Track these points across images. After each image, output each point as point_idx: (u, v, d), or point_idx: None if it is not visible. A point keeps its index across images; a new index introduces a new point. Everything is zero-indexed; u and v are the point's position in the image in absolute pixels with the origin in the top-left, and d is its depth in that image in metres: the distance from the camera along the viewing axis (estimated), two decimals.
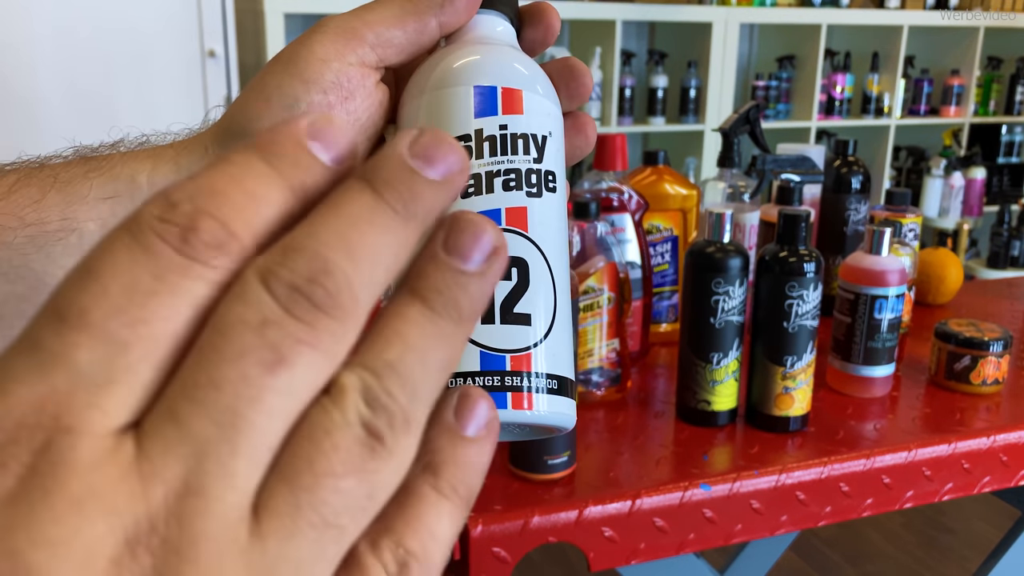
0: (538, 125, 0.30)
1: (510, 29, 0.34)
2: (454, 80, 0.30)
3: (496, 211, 0.29)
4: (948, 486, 0.77)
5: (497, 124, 0.29)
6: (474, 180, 0.29)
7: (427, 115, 0.30)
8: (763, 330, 0.77)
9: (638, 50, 2.73)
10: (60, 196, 0.28)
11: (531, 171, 0.30)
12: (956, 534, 2.11)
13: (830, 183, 1.04)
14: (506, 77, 0.30)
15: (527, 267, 0.29)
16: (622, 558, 0.67)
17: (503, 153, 0.29)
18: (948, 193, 2.97)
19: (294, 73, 0.29)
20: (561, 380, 0.29)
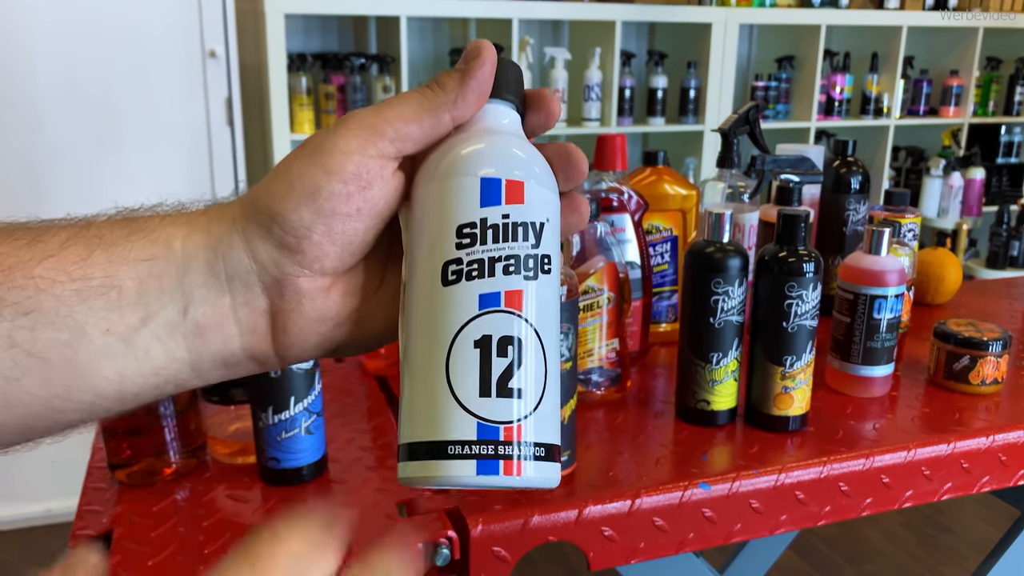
0: (537, 213, 0.33)
1: (515, 115, 0.36)
2: (463, 170, 0.33)
3: (496, 294, 0.32)
4: (947, 486, 0.78)
5: (500, 213, 0.33)
6: (477, 264, 0.32)
7: (438, 202, 0.33)
8: (762, 330, 0.77)
9: (638, 50, 2.73)
10: (105, 255, 0.31)
11: (529, 256, 0.33)
12: (955, 533, 2.11)
13: (829, 183, 1.04)
14: (510, 169, 0.33)
15: (521, 345, 0.32)
16: (622, 557, 0.67)
17: (504, 240, 0.32)
18: (947, 193, 2.97)
19: (318, 163, 0.32)
20: (547, 447, 0.32)
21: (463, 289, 0.32)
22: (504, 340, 0.32)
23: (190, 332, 0.32)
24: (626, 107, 2.53)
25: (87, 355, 0.30)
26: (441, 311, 0.32)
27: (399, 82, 2.22)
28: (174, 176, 2.00)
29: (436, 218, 0.33)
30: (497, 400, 0.31)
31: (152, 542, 0.61)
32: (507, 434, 0.31)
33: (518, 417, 0.31)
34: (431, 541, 0.61)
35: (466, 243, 0.32)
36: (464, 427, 0.31)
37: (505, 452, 0.31)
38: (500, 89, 0.35)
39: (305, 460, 0.68)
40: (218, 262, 0.32)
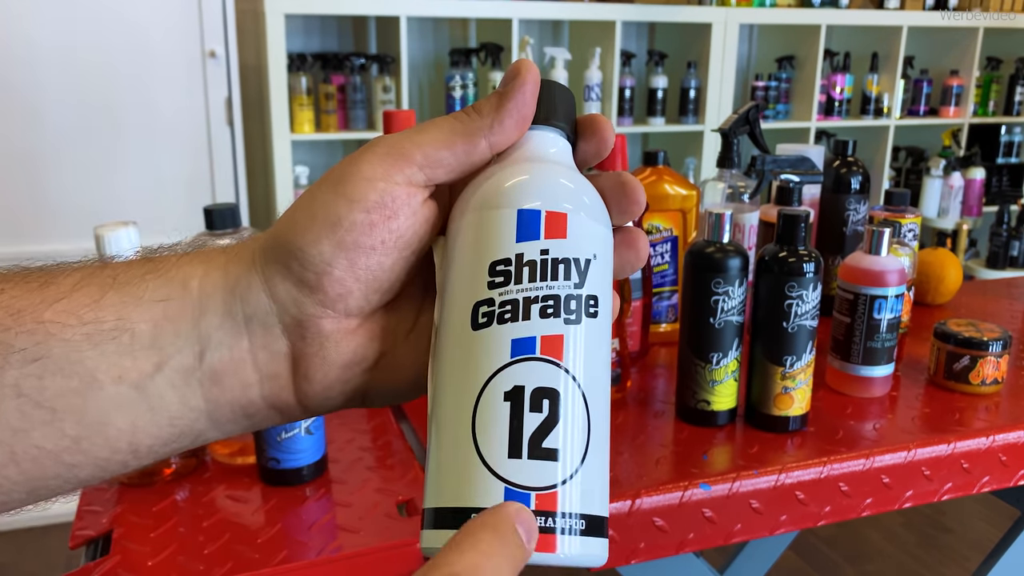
0: (582, 249, 0.29)
1: (564, 144, 0.33)
2: (498, 202, 0.30)
3: (531, 339, 0.28)
4: (947, 486, 0.78)
5: (539, 248, 0.29)
6: (511, 306, 0.28)
7: (473, 235, 0.30)
8: (762, 330, 0.77)
9: (638, 50, 2.73)
10: (118, 296, 0.29)
11: (571, 297, 0.29)
12: (955, 534, 2.11)
13: (829, 183, 1.04)
14: (551, 200, 0.29)
15: (558, 399, 0.28)
16: (622, 558, 0.67)
17: (543, 279, 0.28)
18: (947, 193, 2.97)
19: (340, 192, 0.30)
20: (590, 519, 0.28)
21: (494, 334, 0.28)
22: (538, 392, 0.27)
23: (206, 378, 0.30)
24: (626, 107, 2.53)
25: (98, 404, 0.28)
26: (469, 359, 0.28)
27: (399, 82, 2.22)
28: (174, 176, 2.00)
29: (469, 254, 0.29)
30: (529, 462, 0.27)
31: (152, 542, 0.61)
32: (540, 502, 0.27)
33: (554, 483, 0.27)
34: None
35: (499, 282, 0.28)
36: (490, 493, 0.27)
37: (538, 514, 0.27)
38: (546, 114, 0.32)
39: (305, 460, 0.68)
40: (236, 303, 0.30)
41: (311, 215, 0.30)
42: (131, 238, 0.66)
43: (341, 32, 2.45)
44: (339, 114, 2.25)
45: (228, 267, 0.31)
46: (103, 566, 0.59)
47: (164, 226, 1.98)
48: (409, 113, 0.85)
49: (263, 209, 2.35)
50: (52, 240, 1.92)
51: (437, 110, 2.50)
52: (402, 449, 0.75)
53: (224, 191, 2.05)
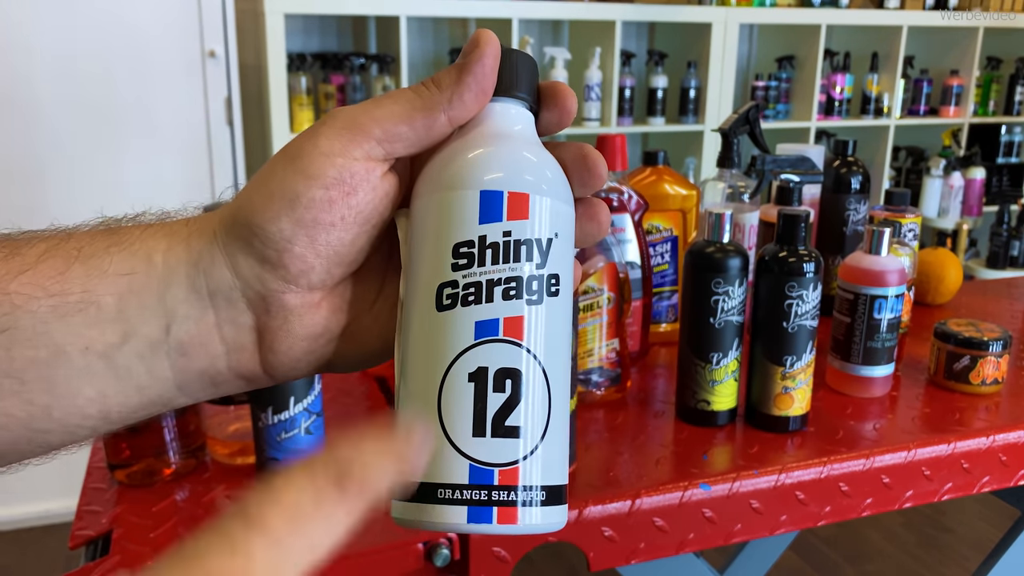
0: (544, 228, 0.30)
1: (525, 114, 0.33)
2: (461, 183, 0.30)
3: (494, 321, 0.29)
4: (947, 486, 0.77)
5: (501, 231, 0.29)
6: (475, 288, 0.29)
7: (436, 216, 0.30)
8: (763, 330, 0.77)
9: (638, 50, 2.73)
10: (83, 269, 0.29)
11: (533, 278, 0.29)
12: (955, 534, 2.11)
13: (829, 183, 1.04)
14: (513, 181, 0.30)
15: (520, 378, 0.29)
16: (622, 558, 0.67)
17: (505, 261, 0.29)
18: (947, 193, 2.97)
19: (298, 168, 0.29)
20: (550, 489, 0.29)
21: (458, 315, 0.29)
22: (502, 373, 0.29)
23: (173, 350, 0.30)
24: (626, 107, 2.53)
25: (66, 374, 0.28)
26: (434, 339, 0.29)
27: (399, 82, 2.22)
28: (174, 176, 2.00)
29: (432, 235, 0.30)
30: (492, 440, 0.28)
31: (152, 542, 0.61)
32: (503, 478, 0.28)
33: (515, 459, 0.28)
34: (431, 541, 0.61)
35: (463, 264, 0.29)
36: (456, 469, 0.28)
37: (500, 497, 0.28)
38: (508, 85, 0.32)
39: None
40: (200, 277, 0.30)
41: (269, 192, 0.30)
42: None
43: (341, 32, 2.45)
44: None
45: (191, 241, 0.30)
46: (103, 566, 0.59)
47: None
48: None
49: None
50: None
51: None
52: None
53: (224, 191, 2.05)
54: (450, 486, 0.28)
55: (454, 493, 0.28)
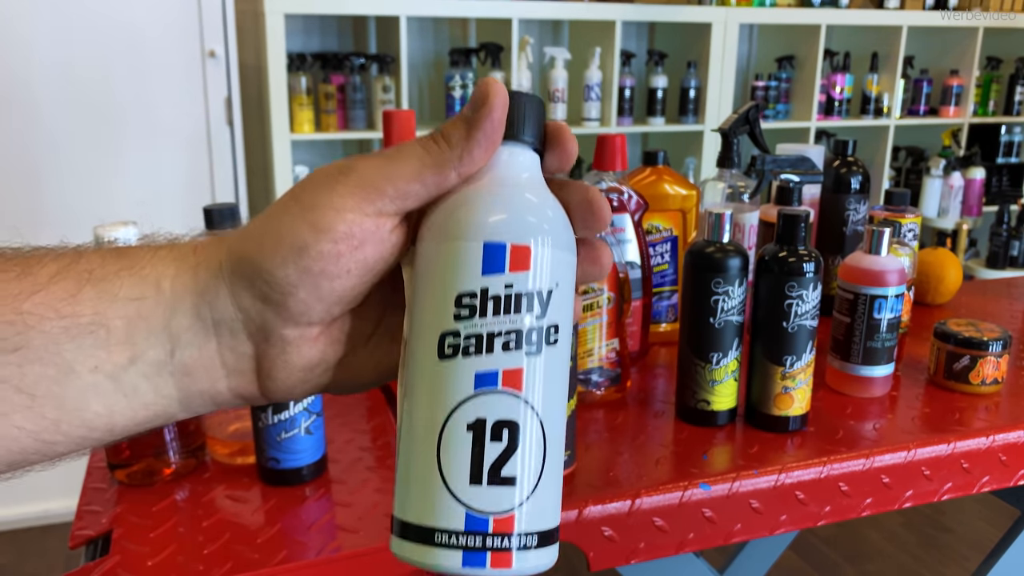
0: (545, 280, 0.31)
1: (531, 157, 0.33)
2: (465, 234, 0.30)
3: (493, 373, 0.30)
4: (947, 486, 0.78)
5: (503, 283, 0.30)
6: (475, 339, 0.30)
7: (441, 265, 0.31)
8: (762, 330, 0.77)
9: (638, 50, 2.73)
10: (94, 291, 0.30)
11: (533, 329, 0.30)
12: (955, 533, 2.11)
13: (829, 183, 1.04)
14: (517, 233, 0.30)
15: (517, 429, 0.30)
16: (622, 558, 0.67)
17: (506, 313, 0.30)
18: (947, 193, 2.97)
19: (309, 220, 0.30)
20: (543, 533, 0.31)
21: (459, 366, 0.30)
22: (499, 424, 0.30)
23: (177, 371, 0.31)
24: (626, 107, 2.53)
25: (76, 391, 0.29)
26: (436, 387, 0.30)
27: (399, 82, 2.22)
28: (174, 176, 2.00)
29: (436, 284, 0.31)
30: (488, 488, 0.29)
31: (152, 542, 0.61)
32: (497, 526, 0.29)
33: (511, 507, 0.30)
34: None
35: (465, 315, 0.30)
36: (452, 516, 0.29)
37: (494, 544, 0.29)
38: (516, 130, 0.32)
39: (305, 460, 0.68)
40: (204, 307, 0.31)
41: (278, 238, 0.31)
42: (131, 238, 0.66)
43: (341, 32, 2.45)
44: (339, 114, 2.25)
45: (198, 271, 0.32)
46: (103, 566, 0.59)
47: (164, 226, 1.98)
48: (409, 113, 0.85)
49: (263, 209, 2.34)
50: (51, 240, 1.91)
51: (437, 110, 2.50)
52: None
53: (224, 191, 2.05)
54: (446, 531, 0.29)
55: (450, 538, 0.29)
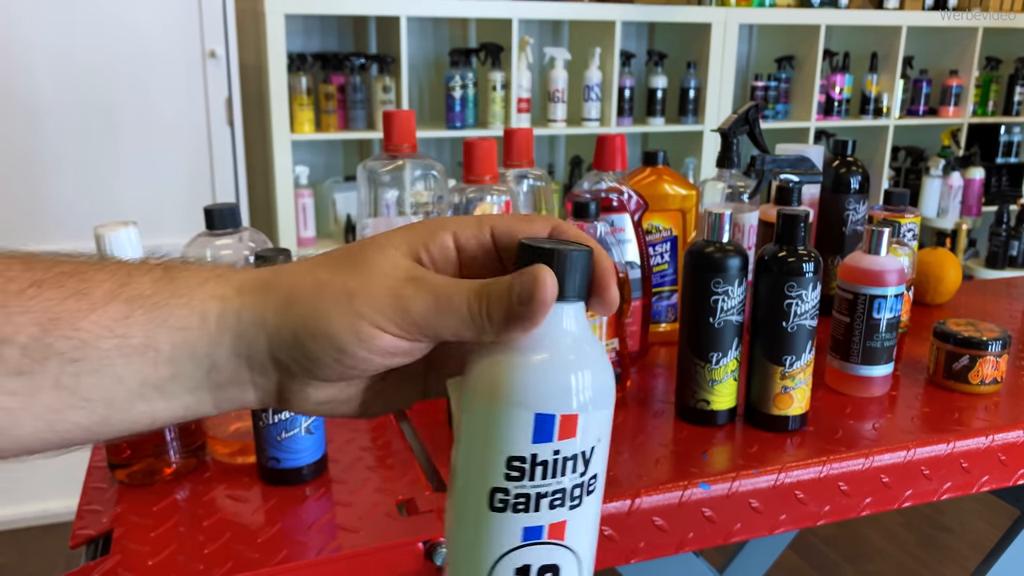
0: (589, 440, 0.33)
1: (578, 307, 0.35)
2: (518, 401, 0.32)
3: (540, 528, 0.33)
4: (947, 485, 0.78)
5: (551, 450, 0.33)
6: (524, 499, 0.33)
7: (493, 426, 0.33)
8: (762, 330, 0.77)
9: (637, 50, 2.73)
10: (145, 317, 0.33)
11: (576, 486, 0.33)
12: (955, 533, 2.11)
13: (829, 183, 1.04)
14: (565, 403, 0.33)
15: (559, 570, 0.34)
16: (622, 557, 0.67)
17: (553, 476, 0.33)
18: (947, 193, 2.97)
19: (355, 329, 0.34)
20: None
21: (508, 520, 0.33)
22: (543, 568, 0.34)
23: (213, 386, 0.36)
24: (626, 107, 2.53)
25: (124, 397, 0.33)
26: (485, 534, 0.33)
27: (399, 82, 2.22)
28: (174, 176, 2.00)
29: (489, 442, 0.33)
30: None
31: (152, 542, 0.61)
32: None
33: None
34: (431, 541, 0.62)
35: (515, 476, 0.33)
36: None
37: None
38: (566, 291, 0.33)
39: (305, 460, 0.68)
40: (243, 347, 0.35)
41: (323, 332, 0.34)
42: (131, 238, 0.66)
43: (341, 32, 2.45)
44: (339, 114, 2.25)
45: (241, 315, 0.35)
46: (103, 565, 0.59)
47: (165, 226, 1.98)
48: (409, 113, 0.85)
49: (263, 209, 2.35)
50: (53, 240, 1.92)
51: (437, 110, 2.50)
52: (402, 449, 0.75)
53: (224, 191, 2.05)
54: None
55: None
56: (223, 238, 0.69)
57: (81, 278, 0.32)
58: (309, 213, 2.27)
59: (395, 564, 0.61)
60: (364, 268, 0.34)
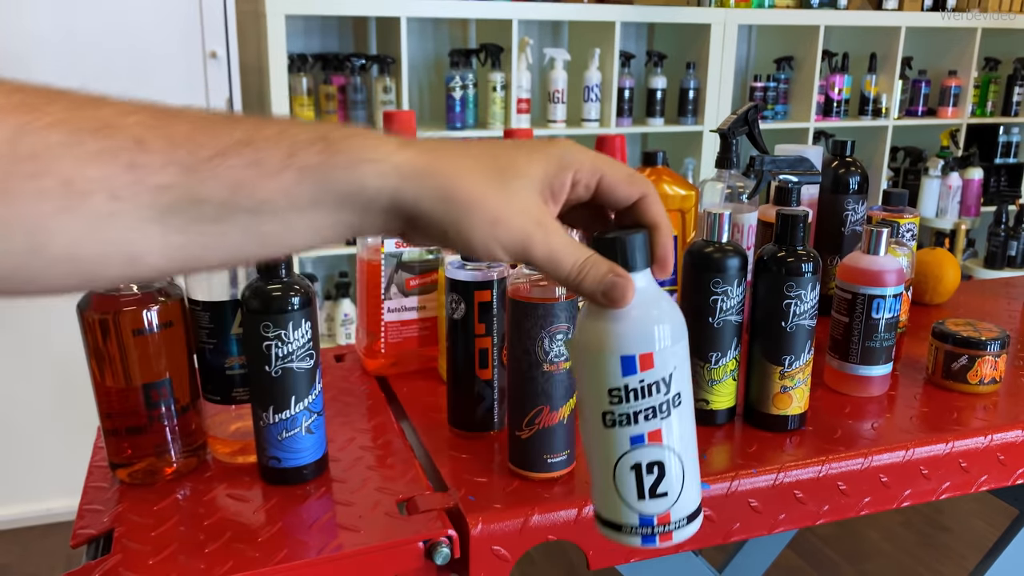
0: (666, 368, 0.45)
1: (646, 274, 0.46)
2: (608, 349, 0.45)
3: (640, 435, 0.45)
4: (945, 485, 0.78)
5: (637, 380, 0.45)
6: (624, 417, 0.45)
7: (595, 368, 0.45)
8: (761, 330, 0.77)
9: (637, 51, 2.73)
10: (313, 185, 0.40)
11: (663, 403, 0.45)
12: (954, 532, 2.12)
13: (828, 183, 1.05)
14: (643, 345, 0.44)
15: (663, 465, 0.46)
16: (621, 556, 0.68)
17: (642, 398, 0.45)
18: (945, 193, 2.98)
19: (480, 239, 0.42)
20: (690, 515, 0.47)
21: (616, 433, 0.46)
22: (650, 464, 0.46)
23: (357, 232, 0.43)
24: (625, 108, 2.53)
25: (293, 238, 0.41)
26: (604, 445, 0.46)
27: (399, 83, 2.23)
28: None
29: (594, 380, 0.46)
30: (650, 501, 0.46)
31: (153, 541, 0.62)
32: (660, 520, 0.47)
33: (666, 509, 0.46)
34: (431, 540, 0.62)
35: (615, 401, 0.45)
36: (631, 518, 0.47)
37: (659, 530, 0.47)
38: (636, 263, 0.45)
39: (306, 459, 0.69)
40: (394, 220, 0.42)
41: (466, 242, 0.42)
42: None
43: (341, 33, 2.45)
44: (340, 114, 2.25)
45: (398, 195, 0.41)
46: (104, 565, 0.59)
47: None
48: (409, 114, 0.85)
49: None
50: None
51: (437, 110, 2.50)
52: (402, 448, 0.76)
53: None
54: (629, 526, 0.47)
55: (632, 530, 0.47)
56: None
57: (255, 148, 0.39)
58: None
59: (395, 563, 0.61)
60: (506, 194, 0.42)
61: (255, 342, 0.64)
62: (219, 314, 0.69)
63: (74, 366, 0.93)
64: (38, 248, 0.35)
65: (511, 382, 0.68)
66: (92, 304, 0.65)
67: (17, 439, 2.03)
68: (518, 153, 0.44)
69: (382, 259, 0.87)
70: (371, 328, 0.91)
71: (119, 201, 0.37)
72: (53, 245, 0.36)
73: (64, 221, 0.36)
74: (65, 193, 0.35)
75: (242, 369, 0.71)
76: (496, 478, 0.69)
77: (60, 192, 0.35)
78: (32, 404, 2.02)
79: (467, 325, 0.73)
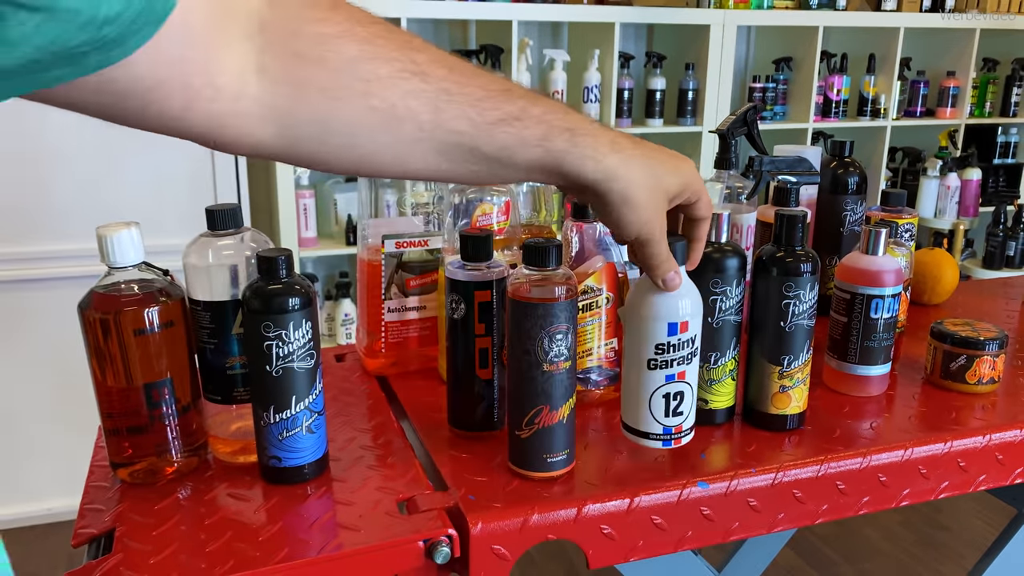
0: (693, 331, 0.68)
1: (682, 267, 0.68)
2: (658, 315, 0.67)
3: (673, 374, 0.68)
4: (944, 484, 0.78)
5: (677, 338, 0.68)
6: (663, 363, 0.68)
7: (646, 329, 0.68)
8: (760, 329, 0.77)
9: (636, 52, 2.73)
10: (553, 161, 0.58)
11: (690, 353, 0.69)
12: (952, 532, 2.12)
13: (827, 184, 1.05)
14: (681, 315, 0.67)
15: (683, 395, 0.70)
16: (621, 555, 0.68)
17: (678, 351, 0.68)
18: (944, 194, 2.98)
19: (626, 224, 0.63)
20: (691, 427, 0.72)
21: (657, 373, 0.69)
22: (676, 393, 0.69)
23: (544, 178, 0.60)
24: (625, 108, 2.53)
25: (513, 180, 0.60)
26: (646, 381, 0.69)
27: None
28: (175, 176, 2.00)
29: (645, 337, 0.68)
30: (672, 417, 0.70)
31: (154, 541, 0.62)
32: (676, 430, 0.71)
33: (680, 422, 0.70)
34: (432, 539, 0.62)
35: (659, 352, 0.68)
36: (657, 428, 0.70)
37: (675, 435, 0.71)
38: (680, 261, 0.67)
39: (306, 459, 0.69)
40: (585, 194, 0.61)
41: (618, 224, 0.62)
42: (133, 238, 0.66)
43: None
44: None
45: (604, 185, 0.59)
46: (105, 564, 0.59)
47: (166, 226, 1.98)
48: None
49: (264, 209, 2.35)
50: (54, 240, 1.92)
51: None
52: (402, 448, 0.76)
53: (226, 191, 2.05)
54: (655, 435, 0.70)
55: (656, 436, 0.71)
56: (225, 239, 0.70)
57: (523, 124, 0.55)
58: (310, 214, 2.27)
59: (396, 562, 0.62)
60: (655, 202, 0.61)
61: (256, 342, 0.65)
62: (220, 314, 0.70)
63: (75, 365, 0.94)
64: (354, 146, 0.50)
65: (511, 382, 0.68)
66: (93, 304, 0.66)
67: (18, 439, 2.03)
68: (665, 169, 0.61)
69: (382, 259, 0.87)
70: (371, 328, 0.91)
71: (423, 131, 0.51)
72: (360, 147, 0.51)
73: (379, 135, 0.50)
74: (389, 114, 0.50)
75: (243, 369, 0.71)
76: (496, 477, 0.69)
77: (386, 112, 0.49)
78: (33, 404, 2.02)
79: (467, 325, 0.73)
